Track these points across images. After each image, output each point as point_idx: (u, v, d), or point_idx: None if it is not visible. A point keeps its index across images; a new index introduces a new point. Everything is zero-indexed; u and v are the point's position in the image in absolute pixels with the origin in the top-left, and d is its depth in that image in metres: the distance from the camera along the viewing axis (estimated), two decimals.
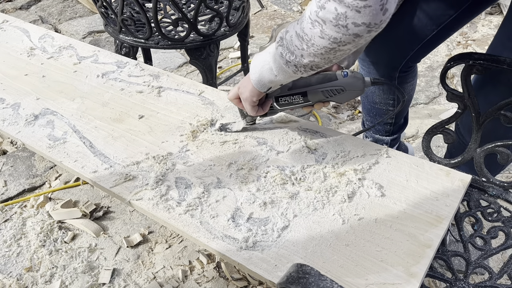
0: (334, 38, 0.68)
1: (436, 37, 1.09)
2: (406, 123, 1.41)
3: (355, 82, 0.86)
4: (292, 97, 0.90)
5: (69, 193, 1.56)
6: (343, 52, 0.72)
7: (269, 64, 0.81)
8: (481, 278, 1.22)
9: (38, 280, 1.27)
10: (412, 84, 1.28)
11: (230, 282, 1.26)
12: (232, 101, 0.94)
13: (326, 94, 0.87)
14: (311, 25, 0.69)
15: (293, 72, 0.79)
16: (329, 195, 0.85)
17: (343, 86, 0.86)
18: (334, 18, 0.65)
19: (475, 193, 0.93)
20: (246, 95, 0.89)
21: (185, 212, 0.83)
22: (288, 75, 0.81)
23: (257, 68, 0.84)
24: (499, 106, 0.89)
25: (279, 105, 0.92)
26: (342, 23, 0.65)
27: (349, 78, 0.85)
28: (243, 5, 1.51)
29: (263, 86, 0.85)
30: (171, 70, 2.25)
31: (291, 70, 0.78)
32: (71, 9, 2.84)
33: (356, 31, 0.66)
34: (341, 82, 0.86)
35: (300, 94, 0.89)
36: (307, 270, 0.53)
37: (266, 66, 0.82)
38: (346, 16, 0.64)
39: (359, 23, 0.64)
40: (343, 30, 0.66)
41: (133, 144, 1.00)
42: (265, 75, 0.83)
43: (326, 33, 0.68)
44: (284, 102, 0.91)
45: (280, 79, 0.82)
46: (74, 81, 1.21)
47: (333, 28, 0.66)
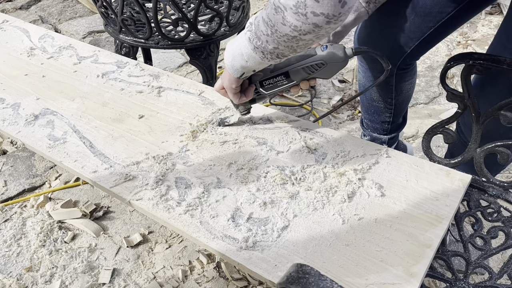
0: (295, 26, 0.69)
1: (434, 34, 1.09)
2: (404, 122, 1.41)
3: (335, 54, 0.85)
4: (275, 79, 0.90)
5: (69, 193, 1.56)
6: (306, 42, 0.73)
7: (240, 49, 0.81)
8: (481, 278, 1.22)
9: (38, 280, 1.27)
10: (411, 83, 1.29)
11: (230, 282, 1.26)
12: (219, 92, 0.95)
13: (308, 70, 0.87)
14: (275, 11, 0.70)
15: (260, 58, 0.79)
16: (329, 195, 0.85)
17: (323, 59, 0.85)
18: (294, 5, 0.66)
19: (475, 193, 0.93)
20: (226, 83, 0.90)
21: (185, 212, 0.83)
22: (257, 61, 0.81)
23: (230, 53, 0.84)
24: (499, 106, 0.89)
25: (264, 89, 0.93)
26: (302, 11, 0.66)
27: (328, 51, 0.85)
28: (243, 5, 1.51)
29: (236, 71, 0.85)
30: (171, 70, 2.25)
31: (258, 56, 0.79)
32: (71, 9, 2.84)
33: (315, 20, 0.67)
34: (320, 56, 0.85)
35: (282, 75, 0.90)
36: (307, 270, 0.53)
37: (238, 51, 0.82)
38: (305, 5, 0.65)
39: (318, 13, 0.66)
40: (302, 18, 0.67)
41: (133, 144, 1.00)
42: (237, 61, 0.83)
43: (287, 20, 0.69)
44: (269, 86, 0.92)
45: (250, 65, 0.82)
46: (74, 81, 1.21)
47: (293, 15, 0.68)
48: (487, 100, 0.96)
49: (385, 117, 1.34)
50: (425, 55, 2.20)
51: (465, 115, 0.96)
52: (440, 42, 1.28)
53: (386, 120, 1.34)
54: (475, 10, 1.07)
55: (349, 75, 2.12)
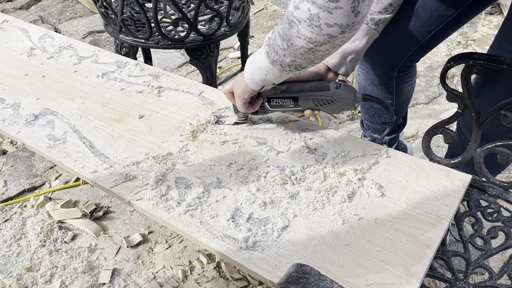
0: (310, 38, 0.70)
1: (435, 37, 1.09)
2: (404, 122, 1.41)
3: (346, 95, 0.88)
4: (284, 100, 0.92)
5: (69, 193, 1.56)
6: (322, 53, 0.74)
7: (260, 63, 0.83)
8: (481, 278, 1.22)
9: (38, 280, 1.27)
10: (411, 84, 1.29)
11: (230, 282, 1.26)
12: (226, 95, 0.96)
13: (317, 102, 0.90)
14: (289, 25, 0.71)
15: (279, 71, 0.80)
16: (329, 195, 0.85)
17: (334, 97, 0.88)
18: (307, 18, 0.67)
19: (475, 193, 0.93)
20: (239, 91, 0.91)
21: (185, 212, 0.83)
22: (276, 75, 0.82)
23: (250, 66, 0.86)
24: (499, 106, 0.89)
25: (270, 106, 0.95)
26: (316, 23, 0.67)
27: (340, 91, 0.88)
28: (243, 5, 1.51)
29: (256, 85, 0.87)
30: (171, 70, 2.25)
31: (277, 70, 0.80)
32: (71, 9, 2.84)
33: (329, 31, 0.67)
34: (333, 93, 0.88)
35: (291, 99, 0.92)
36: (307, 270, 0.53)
37: (257, 65, 0.83)
38: (319, 17, 0.66)
39: (331, 24, 0.66)
40: (317, 30, 0.68)
41: (133, 144, 1.00)
42: (257, 74, 0.84)
43: (302, 33, 0.70)
44: (276, 104, 0.94)
45: (270, 78, 0.84)
46: (74, 81, 1.21)
47: (307, 28, 0.68)
48: (487, 100, 0.96)
49: (386, 118, 1.34)
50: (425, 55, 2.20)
51: (465, 115, 0.96)
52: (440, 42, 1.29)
53: (386, 121, 1.35)
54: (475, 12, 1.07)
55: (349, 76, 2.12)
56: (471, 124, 0.95)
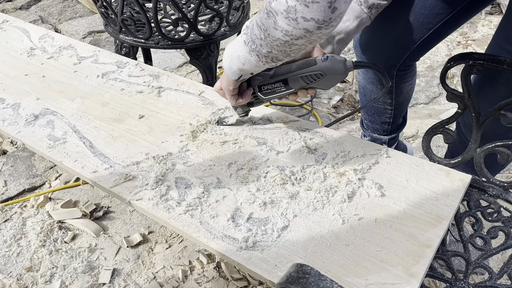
0: (286, 31, 0.69)
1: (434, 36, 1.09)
2: (404, 122, 1.42)
3: (335, 66, 0.84)
4: (274, 85, 0.90)
5: (69, 193, 1.56)
6: (298, 47, 0.73)
7: (237, 52, 0.82)
8: (481, 278, 1.22)
9: (38, 280, 1.27)
10: (411, 84, 1.29)
11: (230, 282, 1.26)
12: (218, 92, 0.96)
13: (306, 80, 0.86)
14: (267, 15, 0.70)
15: (255, 61, 0.79)
16: (329, 195, 0.85)
17: (322, 70, 0.84)
18: (284, 10, 0.66)
19: (475, 193, 0.93)
20: (223, 84, 0.90)
21: (185, 212, 0.83)
22: (253, 65, 0.81)
23: (228, 55, 0.84)
24: (499, 106, 0.89)
25: (262, 94, 0.93)
26: (292, 16, 0.66)
27: (328, 62, 0.84)
28: (243, 5, 1.51)
29: (234, 74, 0.86)
30: (171, 70, 2.25)
31: (253, 59, 0.79)
32: (71, 9, 2.84)
33: (305, 25, 0.67)
34: (320, 66, 0.85)
35: (281, 82, 0.89)
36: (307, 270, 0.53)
37: (235, 53, 0.82)
38: (295, 10, 0.65)
39: (308, 18, 0.66)
40: (293, 23, 0.67)
41: (133, 144, 1.00)
42: (234, 63, 0.83)
43: (278, 24, 0.69)
44: (267, 91, 0.92)
45: (247, 68, 0.83)
46: (74, 81, 1.21)
47: (284, 20, 0.68)
48: (487, 100, 0.96)
49: (385, 118, 1.34)
50: (425, 55, 2.20)
51: (465, 115, 0.96)
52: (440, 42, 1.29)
53: (386, 121, 1.35)
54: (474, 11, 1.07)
55: (349, 75, 2.12)
56: (471, 124, 0.95)
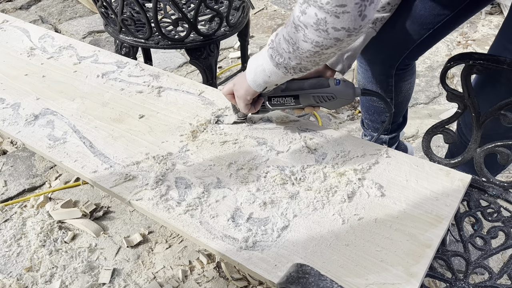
0: (317, 42, 0.70)
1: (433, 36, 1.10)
2: (405, 122, 1.42)
3: (346, 91, 0.89)
4: (285, 98, 0.93)
5: (69, 193, 1.56)
6: (328, 55, 0.74)
7: (262, 66, 0.83)
8: (481, 278, 1.22)
9: (38, 280, 1.27)
10: (410, 82, 1.29)
11: (230, 282, 1.26)
12: (226, 96, 0.96)
13: (317, 99, 0.91)
14: (295, 29, 0.71)
15: (283, 73, 0.81)
16: (329, 195, 0.85)
17: (334, 93, 0.89)
18: (314, 23, 0.67)
19: (475, 193, 0.93)
20: (241, 92, 0.91)
21: (185, 212, 0.83)
22: (280, 76, 0.83)
23: (252, 69, 0.86)
24: (499, 106, 0.89)
25: (271, 105, 0.95)
26: (323, 27, 0.67)
27: (340, 87, 0.89)
28: (243, 5, 1.51)
29: (259, 86, 0.87)
30: (171, 70, 2.25)
31: (281, 72, 0.81)
32: (71, 9, 2.84)
33: (336, 35, 0.68)
34: (333, 89, 0.89)
35: (292, 97, 0.92)
36: (307, 270, 0.53)
37: (260, 67, 0.84)
38: (326, 21, 0.66)
39: (338, 28, 0.67)
40: (324, 34, 0.68)
41: (133, 144, 1.00)
42: (259, 76, 0.85)
43: (308, 37, 0.70)
44: (276, 103, 0.94)
45: (273, 79, 0.84)
46: (74, 81, 1.21)
47: (314, 32, 0.69)
48: (487, 100, 0.96)
49: (385, 117, 1.34)
50: (425, 55, 2.20)
51: (465, 115, 0.96)
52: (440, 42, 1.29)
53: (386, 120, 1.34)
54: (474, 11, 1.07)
55: (349, 75, 2.12)
56: (471, 123, 0.95)
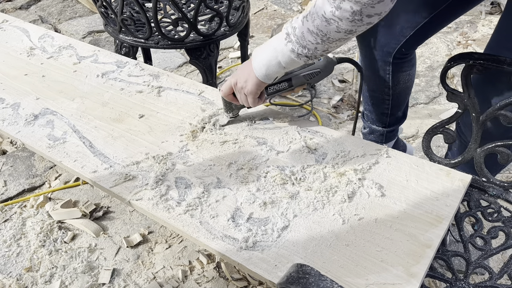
0: (350, 31, 0.74)
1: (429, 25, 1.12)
2: (404, 117, 1.43)
3: (327, 64, 0.97)
4: (279, 84, 0.99)
5: (69, 193, 1.55)
6: (356, 34, 0.78)
7: (277, 59, 0.85)
8: (481, 278, 1.22)
9: (38, 280, 1.27)
10: (409, 74, 1.31)
11: (230, 282, 1.26)
12: (227, 97, 0.98)
13: (307, 77, 0.98)
14: (326, 23, 0.74)
15: (304, 61, 0.84)
16: (329, 195, 0.85)
17: (320, 68, 0.97)
18: (350, 15, 0.70)
19: (475, 193, 0.93)
20: (250, 88, 0.92)
21: (185, 212, 0.83)
22: (297, 65, 0.87)
23: (263, 63, 0.87)
24: (499, 106, 0.89)
25: (267, 94, 0.99)
26: (358, 18, 0.71)
27: (323, 61, 0.97)
28: (243, 5, 1.51)
29: (271, 79, 0.90)
30: (171, 70, 2.25)
31: (302, 61, 0.84)
32: (71, 9, 2.84)
33: (369, 21, 0.72)
34: (317, 65, 0.97)
35: (285, 81, 0.98)
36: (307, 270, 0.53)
37: (274, 61, 0.85)
38: (361, 12, 0.70)
39: (372, 15, 0.70)
40: (358, 23, 0.72)
41: (133, 144, 1.00)
42: (273, 69, 0.87)
43: (342, 28, 0.73)
44: (273, 90, 1.00)
45: (287, 69, 0.88)
46: (74, 81, 1.21)
47: (349, 23, 0.72)
48: (487, 100, 0.96)
49: (384, 109, 1.36)
50: (425, 55, 2.20)
51: (465, 115, 0.96)
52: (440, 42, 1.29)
53: (384, 111, 1.37)
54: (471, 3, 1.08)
55: (349, 75, 2.12)
56: (470, 123, 0.95)
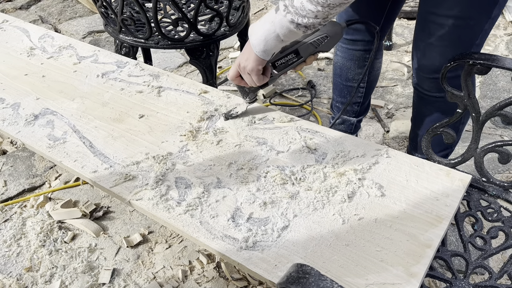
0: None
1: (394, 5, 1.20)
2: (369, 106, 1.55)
3: (334, 28, 0.95)
4: (287, 57, 0.97)
5: (69, 193, 1.55)
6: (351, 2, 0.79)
7: (275, 32, 0.85)
8: (481, 278, 1.22)
9: (38, 280, 1.27)
10: (380, 62, 1.43)
11: (230, 282, 1.26)
12: (234, 80, 0.98)
13: (315, 44, 0.95)
14: None
15: (303, 32, 0.84)
16: (329, 195, 0.85)
17: (326, 33, 0.94)
18: None
19: (475, 193, 0.93)
20: (251, 66, 0.92)
21: (185, 212, 0.83)
22: (295, 36, 0.87)
23: (261, 39, 0.87)
24: (499, 106, 0.89)
25: (276, 69, 0.98)
26: None
27: (328, 26, 0.94)
28: (243, 5, 1.50)
29: (269, 54, 0.90)
30: (171, 70, 2.25)
31: (301, 31, 0.84)
32: (71, 9, 2.84)
33: None
34: (324, 30, 0.94)
35: (293, 53, 0.96)
36: (307, 270, 0.53)
37: (272, 34, 0.85)
38: None
39: None
40: None
41: (133, 144, 1.00)
42: (271, 43, 0.87)
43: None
44: (281, 65, 0.98)
45: (285, 42, 0.88)
46: (74, 81, 1.21)
47: None
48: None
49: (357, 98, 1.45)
50: None
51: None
52: None
53: (357, 101, 1.46)
54: None
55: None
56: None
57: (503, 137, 1.77)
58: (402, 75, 2.14)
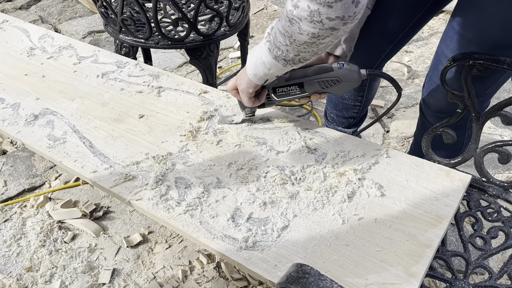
0: (312, 34, 0.70)
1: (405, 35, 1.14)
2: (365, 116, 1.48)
3: (350, 74, 0.88)
4: (289, 87, 0.92)
5: (69, 193, 1.56)
6: (325, 45, 0.74)
7: (262, 59, 0.83)
8: (481, 278, 1.22)
9: (38, 280, 1.27)
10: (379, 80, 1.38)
11: (230, 282, 1.26)
12: (231, 92, 0.97)
13: (322, 85, 0.89)
14: (289, 23, 0.71)
15: (283, 65, 0.81)
16: (329, 195, 0.85)
17: (339, 77, 0.88)
18: (308, 15, 0.67)
19: (475, 193, 0.93)
20: (243, 86, 0.91)
21: (185, 212, 0.83)
22: (280, 68, 0.82)
23: (252, 62, 0.86)
24: (499, 106, 0.89)
25: (276, 96, 0.95)
26: (317, 19, 0.67)
27: (344, 70, 0.88)
28: (243, 5, 1.51)
29: (260, 79, 0.87)
30: (171, 70, 2.25)
31: (281, 64, 0.80)
32: (71, 9, 2.84)
33: (331, 25, 0.67)
34: (337, 73, 0.88)
35: (297, 85, 0.92)
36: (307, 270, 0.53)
37: (259, 60, 0.84)
38: (319, 13, 0.66)
39: (333, 17, 0.66)
40: (319, 25, 0.68)
41: (133, 144, 1.00)
42: (259, 69, 0.85)
43: (303, 29, 0.70)
44: (282, 93, 0.94)
45: (273, 72, 0.84)
46: (74, 81, 1.21)
47: (309, 24, 0.68)
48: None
49: (353, 113, 1.39)
50: (425, 55, 2.20)
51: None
52: None
53: (353, 115, 1.40)
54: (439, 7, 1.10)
55: None
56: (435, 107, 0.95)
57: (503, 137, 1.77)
58: (402, 75, 2.14)
